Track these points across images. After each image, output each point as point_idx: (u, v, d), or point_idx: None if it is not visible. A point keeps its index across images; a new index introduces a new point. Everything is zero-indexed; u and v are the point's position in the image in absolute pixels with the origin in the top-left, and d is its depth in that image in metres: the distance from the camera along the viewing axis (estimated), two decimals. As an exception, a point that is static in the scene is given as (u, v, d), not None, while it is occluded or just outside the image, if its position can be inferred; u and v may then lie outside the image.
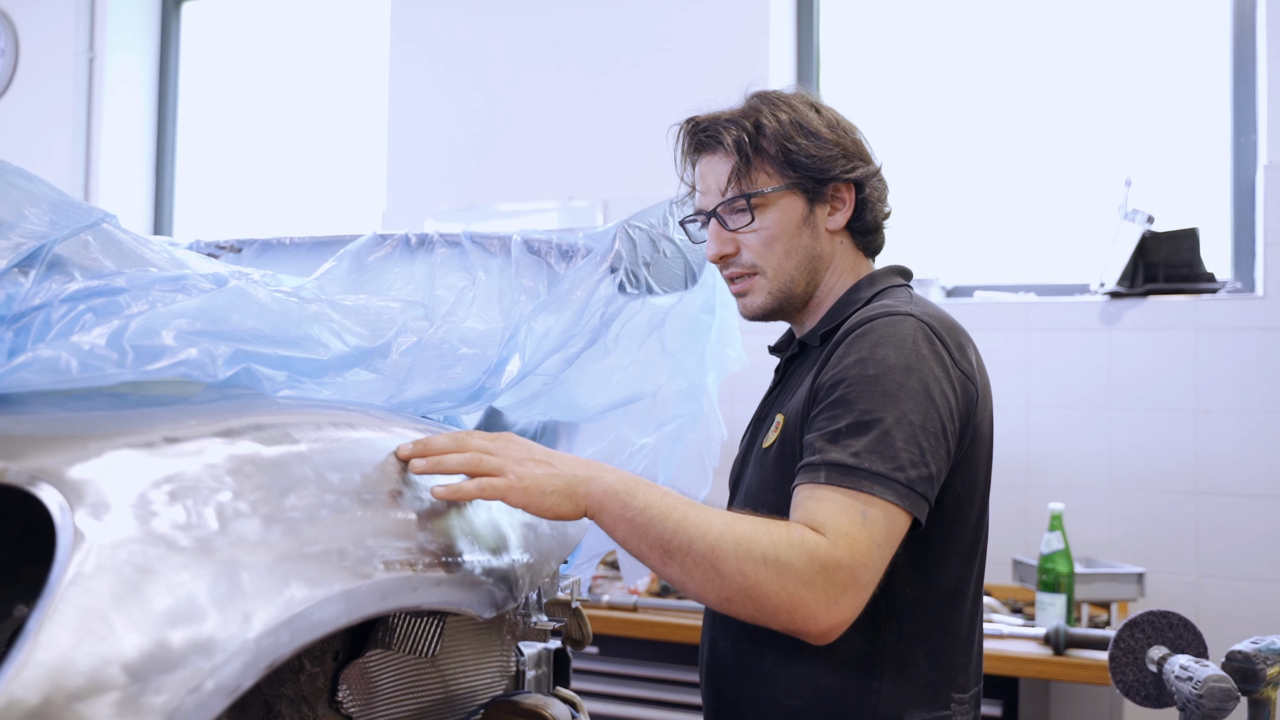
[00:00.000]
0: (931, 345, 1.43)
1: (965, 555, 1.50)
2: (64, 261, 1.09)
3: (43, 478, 0.81)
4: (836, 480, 1.33)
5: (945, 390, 1.40)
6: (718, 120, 1.61)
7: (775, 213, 1.58)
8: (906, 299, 1.53)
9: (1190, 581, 3.21)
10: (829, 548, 1.27)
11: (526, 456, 1.28)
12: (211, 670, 0.80)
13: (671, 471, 1.96)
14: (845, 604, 1.27)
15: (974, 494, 1.49)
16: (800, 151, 1.55)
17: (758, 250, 1.59)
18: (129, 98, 4.83)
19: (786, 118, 1.57)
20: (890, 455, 1.34)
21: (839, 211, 1.61)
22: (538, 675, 1.55)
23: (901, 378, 1.38)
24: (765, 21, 3.79)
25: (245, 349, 1.14)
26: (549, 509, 1.27)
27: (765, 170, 1.57)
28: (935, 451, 1.37)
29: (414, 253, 1.74)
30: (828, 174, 1.57)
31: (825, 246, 1.61)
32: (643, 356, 1.77)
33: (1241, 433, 3.19)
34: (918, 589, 1.46)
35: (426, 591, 1.10)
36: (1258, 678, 1.69)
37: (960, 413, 1.43)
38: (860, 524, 1.30)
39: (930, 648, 1.47)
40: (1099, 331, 3.35)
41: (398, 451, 1.18)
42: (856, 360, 1.41)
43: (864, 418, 1.36)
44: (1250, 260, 3.34)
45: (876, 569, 1.30)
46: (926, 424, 1.37)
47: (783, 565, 1.26)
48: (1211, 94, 3.48)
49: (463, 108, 4.22)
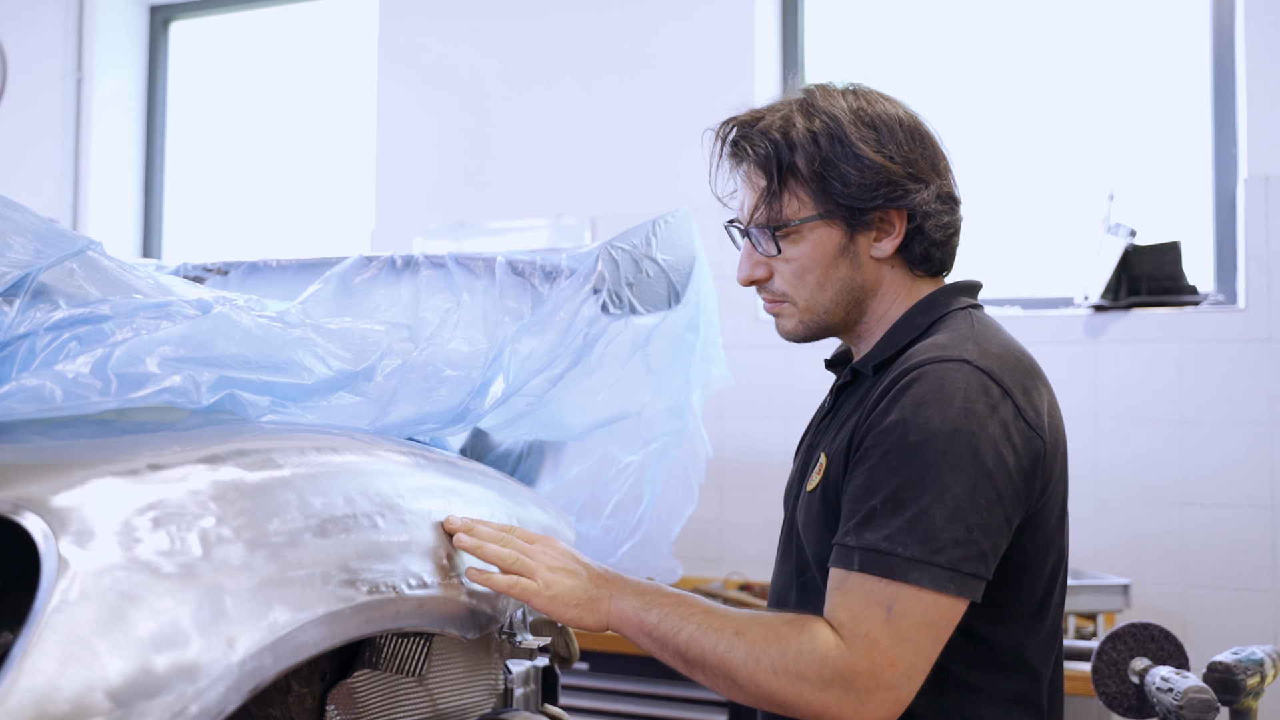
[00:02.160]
0: (988, 398, 1.28)
1: (1034, 612, 1.37)
2: (49, 290, 1.11)
3: (27, 506, 0.82)
4: (869, 567, 1.25)
5: (1002, 451, 1.26)
6: (748, 127, 1.45)
7: (807, 244, 1.42)
8: (967, 332, 1.37)
9: (1177, 592, 3.23)
10: (841, 655, 1.23)
11: (560, 565, 1.31)
12: (195, 695, 0.81)
13: (658, 489, 1.97)
14: (875, 704, 1.22)
15: (1046, 553, 1.37)
16: (835, 177, 1.38)
17: (789, 280, 1.45)
18: (117, 118, 4.84)
19: (826, 136, 1.39)
20: (927, 537, 1.23)
21: (886, 238, 1.43)
22: (526, 693, 1.56)
23: (945, 445, 1.25)
24: (750, 39, 3.81)
25: (229, 375, 1.15)
26: (572, 620, 1.31)
27: (798, 195, 1.41)
28: (987, 525, 1.25)
29: (399, 274, 1.75)
30: (868, 204, 1.39)
31: (869, 275, 1.45)
32: (627, 376, 1.78)
33: (1226, 444, 3.20)
34: (982, 650, 1.34)
35: (410, 614, 1.11)
36: (1238, 688, 1.71)
37: (1024, 472, 1.29)
38: (883, 621, 1.23)
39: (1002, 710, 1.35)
40: (1083, 345, 3.37)
41: (447, 522, 1.26)
42: (898, 421, 1.28)
43: (900, 494, 1.25)
44: (1232, 273, 3.37)
45: (911, 662, 1.23)
46: (975, 495, 1.24)
47: (794, 675, 1.24)
48: (1192, 108, 3.51)
49: (451, 126, 4.23)
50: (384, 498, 1.16)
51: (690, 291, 1.81)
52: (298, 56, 4.83)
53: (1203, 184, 3.47)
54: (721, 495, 3.66)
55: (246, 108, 4.91)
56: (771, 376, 3.57)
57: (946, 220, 1.46)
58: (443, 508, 1.28)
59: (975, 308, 1.47)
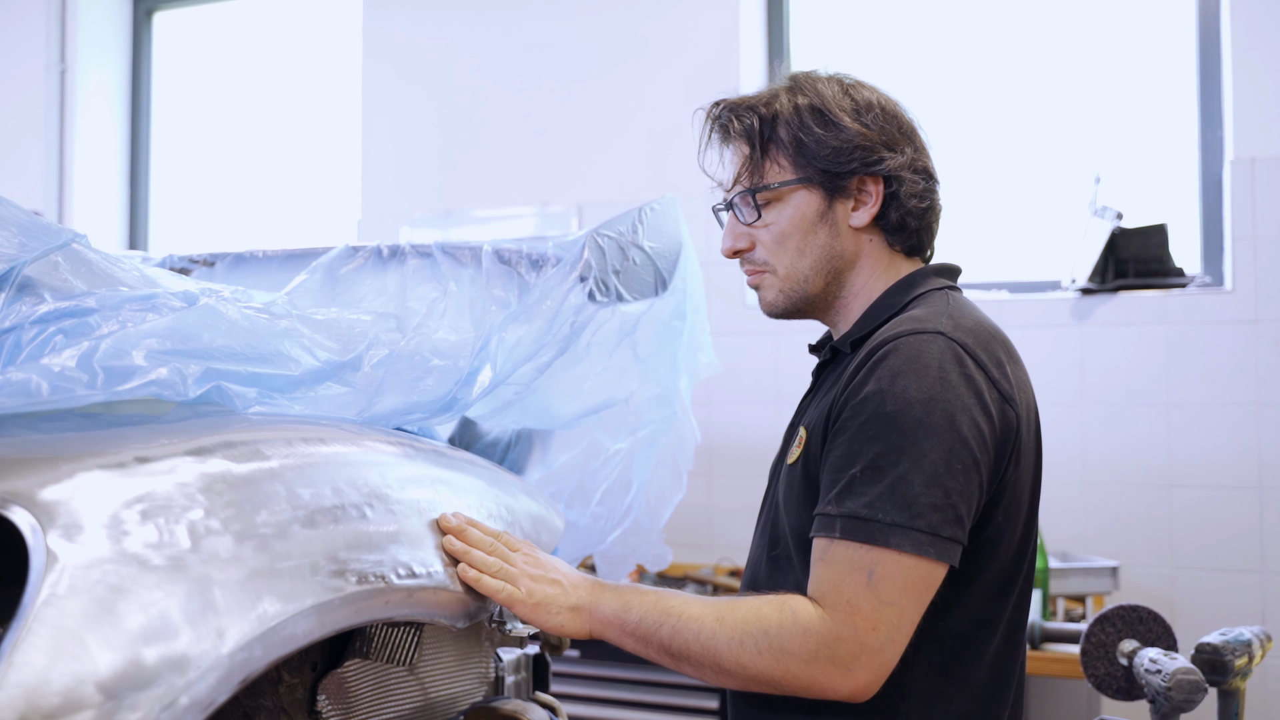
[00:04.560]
0: (962, 368, 1.32)
1: (1001, 585, 1.40)
2: (34, 283, 1.10)
3: (14, 500, 0.82)
4: (850, 533, 1.28)
5: (976, 418, 1.31)
6: (735, 105, 1.51)
7: (787, 208, 1.48)
8: (942, 308, 1.41)
9: (1165, 574, 3.25)
10: (824, 624, 1.27)
11: (542, 574, 1.34)
12: (185, 686, 0.81)
13: (646, 476, 1.97)
14: (861, 669, 1.26)
15: (1015, 523, 1.40)
16: (813, 141, 1.44)
17: (769, 247, 1.50)
18: (101, 110, 4.82)
19: (806, 103, 1.46)
20: (906, 503, 1.27)
21: (864, 207, 1.48)
22: (517, 680, 1.56)
23: (921, 413, 1.29)
24: (736, 27, 3.81)
25: (216, 367, 1.15)
26: (554, 627, 1.34)
27: (778, 162, 1.47)
28: (964, 490, 1.29)
29: (386, 264, 1.75)
30: (845, 167, 1.45)
31: (848, 245, 1.50)
32: (614, 363, 1.78)
33: (1213, 426, 3.22)
34: (947, 621, 1.36)
35: (400, 603, 1.12)
36: (1226, 669, 1.72)
37: (997, 440, 1.33)
38: (864, 587, 1.26)
39: (963, 683, 1.38)
40: (1071, 328, 3.38)
41: (442, 519, 1.27)
42: (875, 392, 1.32)
43: (879, 462, 1.29)
44: (1219, 255, 3.38)
45: (892, 625, 1.27)
46: (952, 461, 1.28)
47: (778, 650, 1.27)
48: (1178, 90, 3.52)
49: (436, 115, 4.22)
50: (372, 488, 1.16)
51: (677, 278, 1.81)
52: (282, 46, 4.81)
53: (1189, 166, 3.48)
54: (710, 481, 3.67)
55: (231, 98, 4.89)
56: (759, 362, 3.58)
57: (923, 188, 1.50)
58: (431, 497, 1.28)
59: (952, 289, 1.51)
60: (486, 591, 1.28)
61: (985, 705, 1.40)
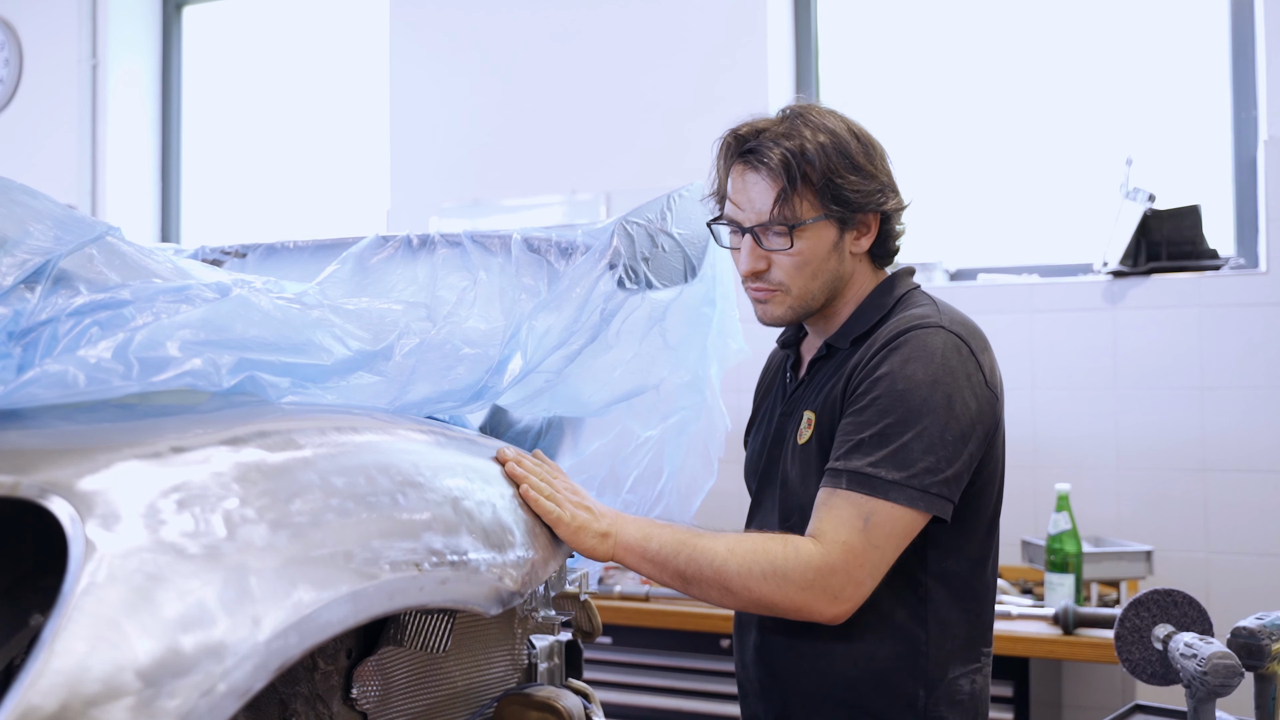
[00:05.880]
0: (960, 357, 1.59)
1: (987, 529, 1.68)
2: (69, 276, 1.11)
3: (53, 490, 0.83)
4: (855, 485, 1.53)
5: (967, 400, 1.57)
6: (766, 138, 1.63)
7: (810, 239, 1.64)
8: (931, 308, 1.66)
9: (1200, 558, 3.22)
10: (822, 556, 1.51)
11: (579, 500, 1.51)
12: (223, 673, 0.82)
13: (677, 463, 1.97)
14: (846, 597, 1.52)
15: (994, 481, 1.67)
16: (846, 186, 1.61)
17: (789, 271, 1.65)
18: (133, 102, 4.86)
19: (831, 147, 1.61)
20: (906, 464, 1.52)
21: (864, 236, 1.68)
22: (549, 668, 1.57)
23: (927, 393, 1.54)
24: (763, 11, 3.79)
25: (249, 357, 1.16)
26: (586, 549, 1.50)
27: (808, 199, 1.62)
28: (954, 456, 1.54)
29: (416, 254, 1.75)
30: (864, 207, 1.64)
31: (848, 267, 1.69)
32: (644, 351, 1.78)
33: (1247, 408, 3.19)
34: (950, 561, 1.63)
35: (433, 590, 1.12)
36: (1262, 653, 1.70)
37: (982, 419, 1.59)
38: (859, 530, 1.51)
39: (965, 610, 1.65)
40: (1103, 311, 3.36)
41: (499, 452, 1.44)
42: (888, 374, 1.57)
43: (887, 431, 1.54)
44: (1253, 236, 3.34)
45: (875, 565, 1.52)
46: (946, 433, 1.54)
47: (780, 577, 1.50)
48: (1211, 70, 3.48)
49: (464, 105, 4.23)
50: (405, 476, 1.17)
51: (706, 265, 1.81)
52: (310, 37, 4.83)
53: (1222, 146, 3.44)
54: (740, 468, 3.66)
55: (260, 90, 4.91)
56: (790, 349, 3.56)
57: (901, 224, 1.74)
58: (463, 485, 1.29)
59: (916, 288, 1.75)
60: (539, 510, 1.43)
61: (980, 627, 1.67)
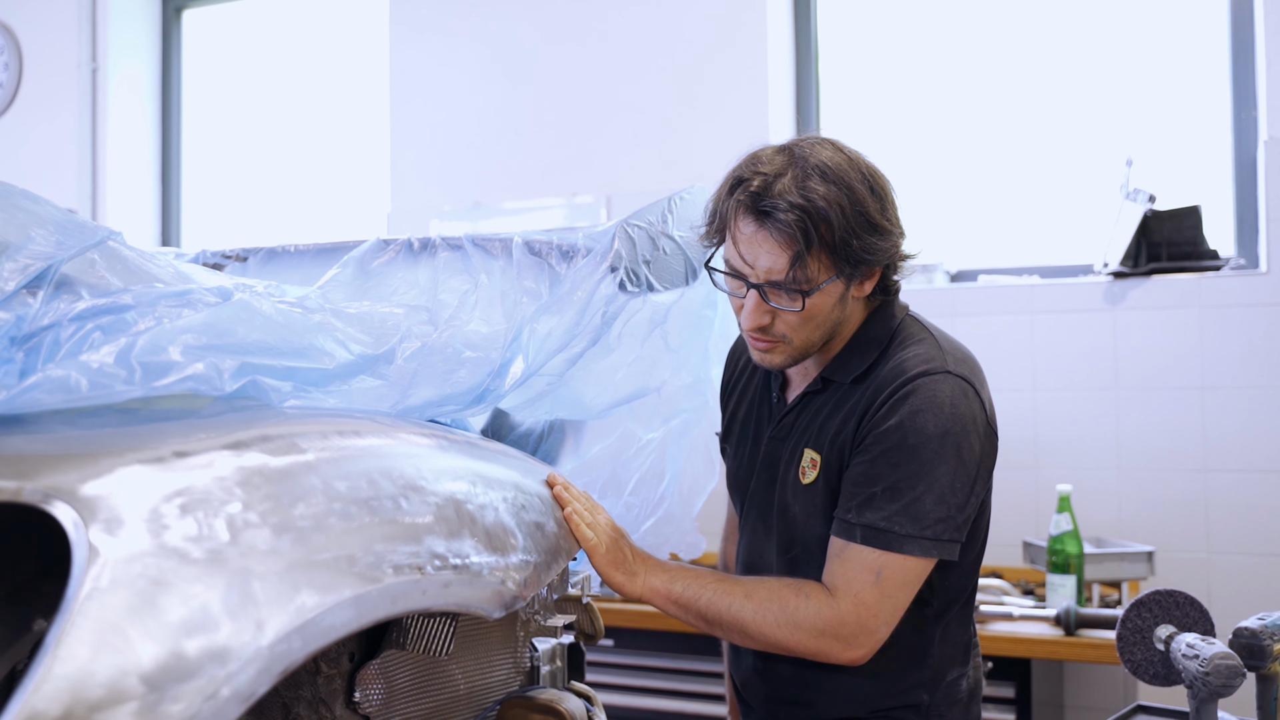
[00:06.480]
0: (966, 401, 1.60)
1: (981, 546, 1.74)
2: (71, 281, 1.11)
3: (57, 495, 0.83)
4: (869, 540, 1.56)
5: (975, 445, 1.59)
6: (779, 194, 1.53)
7: (819, 298, 1.58)
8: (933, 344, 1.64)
9: (1201, 558, 3.22)
10: (834, 609, 1.56)
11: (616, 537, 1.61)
12: (227, 678, 0.82)
13: (679, 466, 1.97)
14: (861, 644, 1.57)
15: (987, 512, 1.72)
16: (863, 248, 1.55)
17: (794, 327, 1.60)
18: (133, 107, 4.86)
19: (848, 206, 1.53)
20: (918, 517, 1.55)
21: (869, 281, 1.64)
22: (552, 670, 1.57)
23: (937, 446, 1.56)
24: (763, 15, 3.80)
25: (251, 361, 1.16)
26: (616, 583, 1.60)
27: (822, 261, 1.55)
28: (964, 503, 1.58)
29: (417, 257, 1.76)
30: (877, 264, 1.60)
31: (849, 311, 1.65)
32: (646, 353, 1.78)
33: (1248, 409, 3.19)
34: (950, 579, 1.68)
35: (436, 594, 1.12)
36: (1264, 654, 1.70)
37: (985, 458, 1.62)
38: (872, 584, 1.56)
39: (961, 616, 1.74)
40: (1104, 312, 3.36)
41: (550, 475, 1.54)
42: (898, 425, 1.57)
43: (899, 485, 1.56)
44: (1253, 236, 3.34)
45: (890, 614, 1.58)
46: (956, 482, 1.57)
47: (794, 626, 1.57)
48: (1211, 71, 3.48)
49: (465, 108, 4.23)
50: (407, 480, 1.17)
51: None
52: (310, 41, 4.83)
53: (1222, 147, 3.44)
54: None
55: (260, 94, 4.91)
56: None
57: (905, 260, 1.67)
58: (466, 489, 1.29)
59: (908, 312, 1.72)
60: (579, 535, 1.52)
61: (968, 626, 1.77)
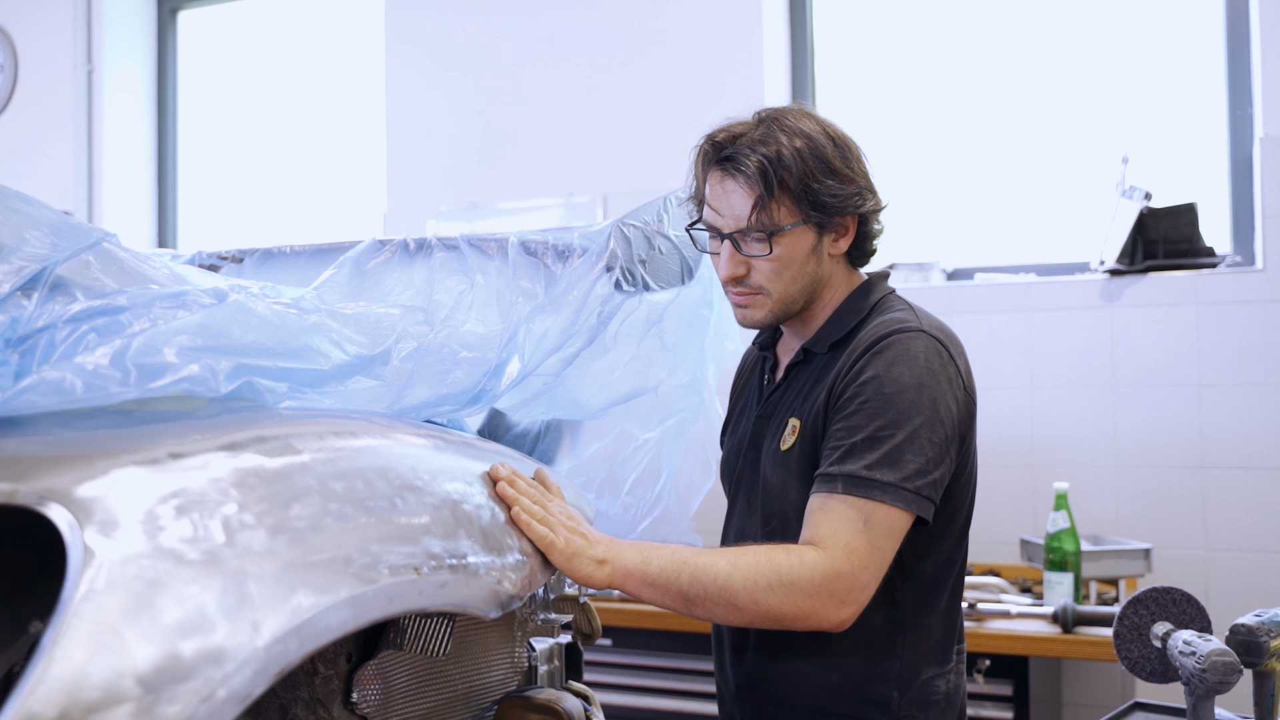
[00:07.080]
0: (941, 361, 1.59)
1: (960, 533, 1.68)
2: (66, 283, 1.11)
3: (52, 497, 0.83)
4: (851, 489, 1.52)
5: (950, 403, 1.58)
6: (742, 144, 1.61)
7: (789, 244, 1.62)
8: (909, 313, 1.66)
9: (1198, 556, 3.23)
10: (828, 560, 1.49)
11: (574, 526, 1.48)
12: (223, 679, 0.82)
13: (675, 465, 1.97)
14: (851, 601, 1.50)
15: (969, 483, 1.68)
16: (824, 191, 1.60)
17: (768, 275, 1.64)
18: (129, 108, 4.85)
19: (808, 152, 1.59)
20: (899, 466, 1.52)
21: (843, 239, 1.67)
22: (550, 670, 1.57)
23: (914, 395, 1.55)
24: (759, 13, 3.80)
25: (246, 362, 1.16)
26: (582, 576, 1.46)
27: (785, 204, 1.60)
28: (940, 459, 1.55)
29: (413, 257, 1.76)
30: (841, 210, 1.63)
31: (826, 269, 1.68)
32: (642, 353, 1.79)
33: (1245, 406, 3.19)
34: (924, 564, 1.63)
35: (432, 594, 1.12)
36: (1261, 650, 1.70)
37: (961, 422, 1.61)
38: (860, 531, 1.50)
39: (938, 611, 1.66)
40: (1100, 310, 3.36)
41: (493, 469, 1.39)
42: (874, 377, 1.57)
43: (878, 433, 1.54)
44: (1249, 233, 3.35)
45: (878, 567, 1.52)
46: (933, 436, 1.55)
47: (787, 585, 1.48)
48: (1206, 68, 3.48)
49: (460, 108, 4.23)
50: (403, 480, 1.17)
51: (703, 267, 1.82)
52: (305, 42, 4.83)
53: (1218, 144, 3.44)
54: (740, 469, 3.66)
55: (256, 95, 4.91)
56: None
57: (879, 223, 1.72)
58: (462, 489, 1.29)
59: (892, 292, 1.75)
60: (531, 535, 1.40)
61: (953, 628, 1.69)
